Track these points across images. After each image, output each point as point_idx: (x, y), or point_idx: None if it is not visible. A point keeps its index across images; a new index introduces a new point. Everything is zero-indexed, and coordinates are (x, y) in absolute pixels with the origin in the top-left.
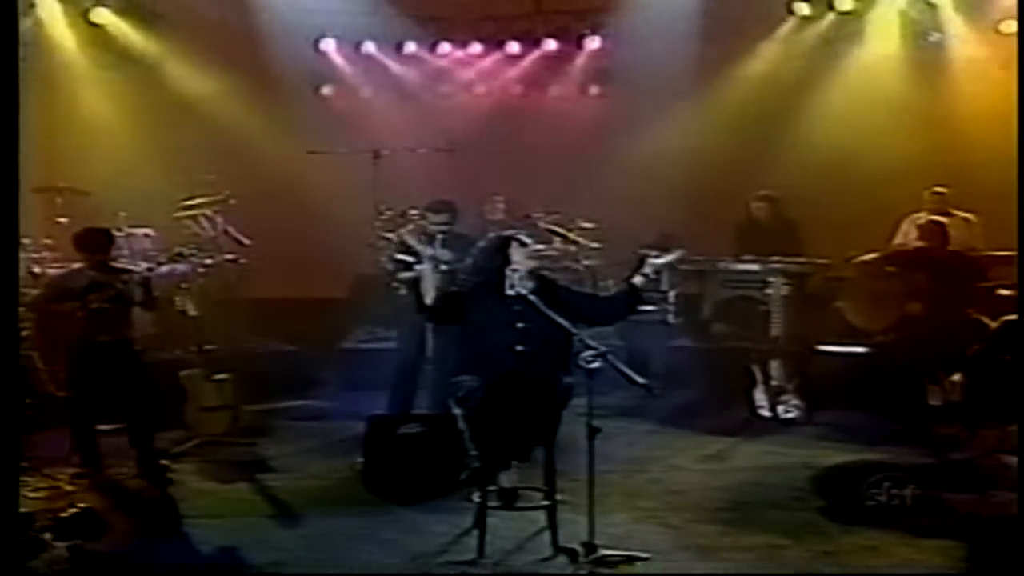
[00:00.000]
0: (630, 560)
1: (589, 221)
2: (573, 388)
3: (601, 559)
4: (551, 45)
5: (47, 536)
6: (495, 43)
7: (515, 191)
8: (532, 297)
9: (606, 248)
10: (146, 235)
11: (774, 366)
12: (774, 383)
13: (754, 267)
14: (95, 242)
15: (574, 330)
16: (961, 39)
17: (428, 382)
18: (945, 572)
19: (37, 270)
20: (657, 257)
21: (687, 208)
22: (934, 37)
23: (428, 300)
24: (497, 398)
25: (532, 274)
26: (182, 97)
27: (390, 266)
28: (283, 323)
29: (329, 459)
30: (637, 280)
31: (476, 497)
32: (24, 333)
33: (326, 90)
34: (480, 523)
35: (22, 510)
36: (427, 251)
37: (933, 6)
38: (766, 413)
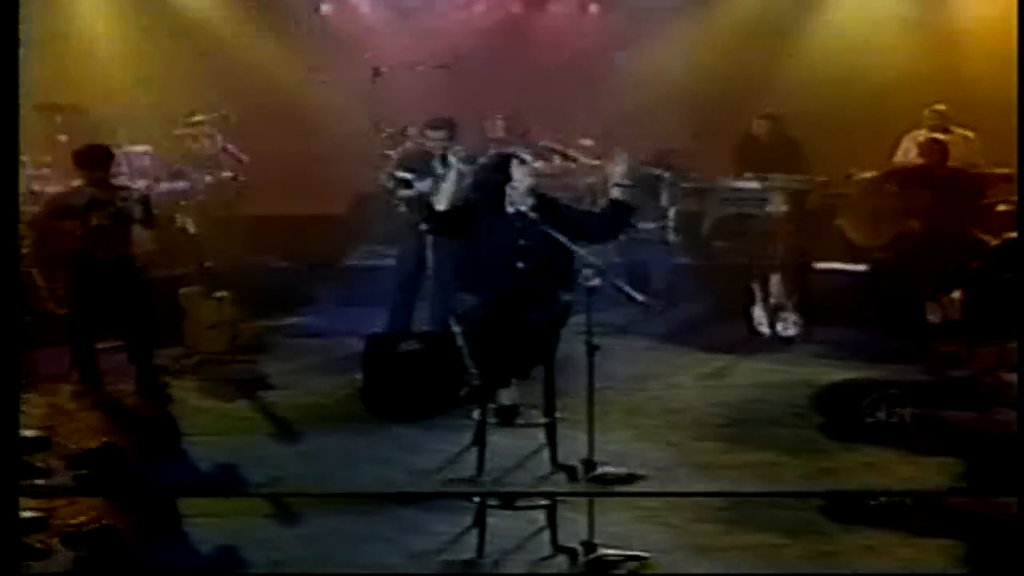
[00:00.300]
0: (629, 559)
1: (589, 138)
2: (571, 305)
3: (600, 558)
4: None
5: (54, 542)
6: None
7: (514, 109)
8: (532, 214)
9: (605, 165)
10: (145, 152)
11: (773, 283)
12: (773, 300)
13: (754, 184)
14: (95, 159)
15: (574, 247)
16: None
17: (428, 298)
18: (944, 572)
19: (36, 188)
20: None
21: (688, 126)
22: None
23: (441, 207)
24: (497, 315)
25: (532, 191)
26: (181, 14)
27: (390, 184)
28: (283, 240)
29: (328, 376)
30: (616, 194)
31: (476, 415)
32: (24, 250)
33: (325, 7)
34: (479, 440)
35: (33, 514)
36: (456, 165)
37: None
38: (765, 330)
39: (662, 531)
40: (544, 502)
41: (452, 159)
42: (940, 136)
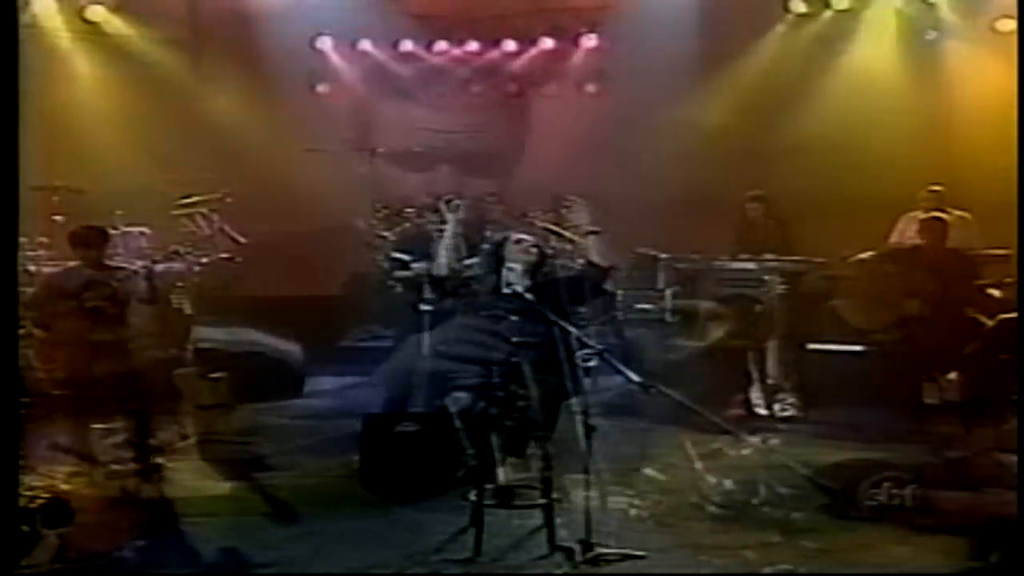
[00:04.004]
0: (626, 558)
1: None
2: (569, 385)
3: (597, 557)
4: (548, 43)
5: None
6: (492, 41)
7: (512, 190)
8: (528, 295)
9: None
10: (142, 233)
11: (770, 364)
12: (770, 381)
13: (750, 266)
14: (90, 240)
15: (571, 328)
16: (957, 37)
17: (424, 380)
18: (943, 571)
19: (32, 268)
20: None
21: (683, 205)
22: (930, 35)
23: (441, 267)
24: (494, 395)
25: (528, 271)
26: (178, 95)
27: (387, 264)
28: (279, 321)
29: (325, 457)
30: (594, 256)
31: (472, 495)
32: (20, 332)
33: (322, 87)
34: (477, 521)
35: None
36: (455, 215)
37: (930, 4)
38: (762, 411)
39: (658, 530)
40: (541, 500)
41: (450, 214)
42: (942, 215)
